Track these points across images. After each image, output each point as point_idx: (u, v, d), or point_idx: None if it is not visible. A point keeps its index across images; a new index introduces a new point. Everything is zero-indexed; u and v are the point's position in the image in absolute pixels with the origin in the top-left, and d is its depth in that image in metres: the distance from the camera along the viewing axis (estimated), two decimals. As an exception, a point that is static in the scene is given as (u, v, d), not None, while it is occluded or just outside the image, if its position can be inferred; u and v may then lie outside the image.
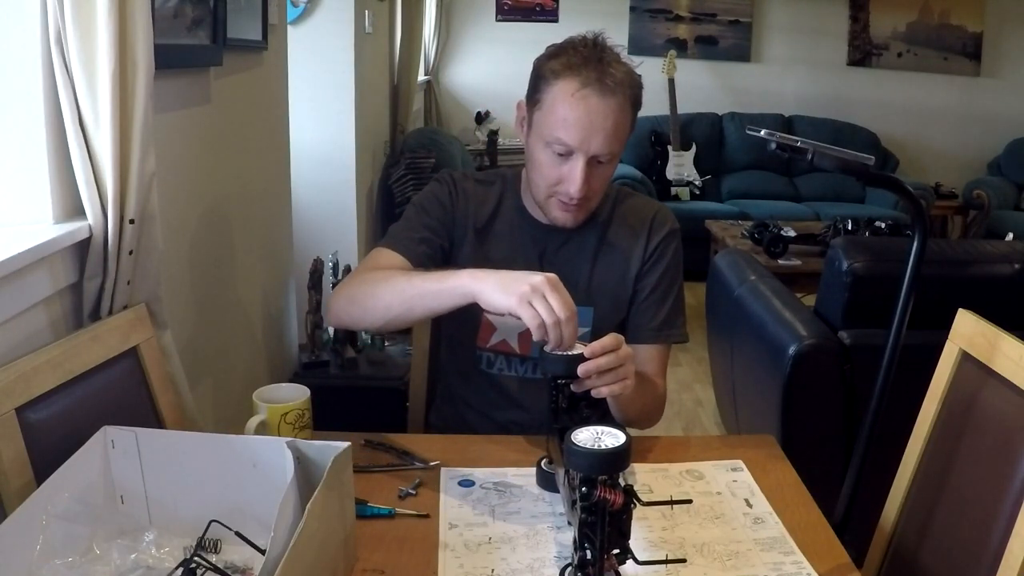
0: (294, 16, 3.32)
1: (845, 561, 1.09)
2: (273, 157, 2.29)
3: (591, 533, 0.91)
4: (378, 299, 1.31)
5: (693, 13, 6.26)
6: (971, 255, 2.12)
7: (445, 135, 5.14)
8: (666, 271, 1.48)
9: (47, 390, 1.07)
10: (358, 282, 1.37)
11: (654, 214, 1.50)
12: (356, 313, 1.36)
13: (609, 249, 1.48)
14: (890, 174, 4.04)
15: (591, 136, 1.31)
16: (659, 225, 1.49)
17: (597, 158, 1.34)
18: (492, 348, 1.49)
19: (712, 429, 3.32)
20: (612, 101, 1.31)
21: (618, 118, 1.32)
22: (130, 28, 1.18)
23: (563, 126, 1.32)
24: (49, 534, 0.92)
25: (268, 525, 0.86)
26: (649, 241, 1.48)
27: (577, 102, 1.30)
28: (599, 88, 1.30)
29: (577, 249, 1.48)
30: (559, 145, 1.33)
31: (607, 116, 1.31)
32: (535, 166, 1.39)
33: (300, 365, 2.50)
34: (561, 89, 1.32)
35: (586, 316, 1.45)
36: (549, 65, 1.35)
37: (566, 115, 1.31)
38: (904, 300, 1.32)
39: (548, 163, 1.36)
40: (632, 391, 1.21)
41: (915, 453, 1.32)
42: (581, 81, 1.30)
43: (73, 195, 1.22)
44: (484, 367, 1.51)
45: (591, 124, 1.31)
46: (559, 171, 1.36)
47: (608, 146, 1.33)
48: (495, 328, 1.48)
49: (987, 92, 6.23)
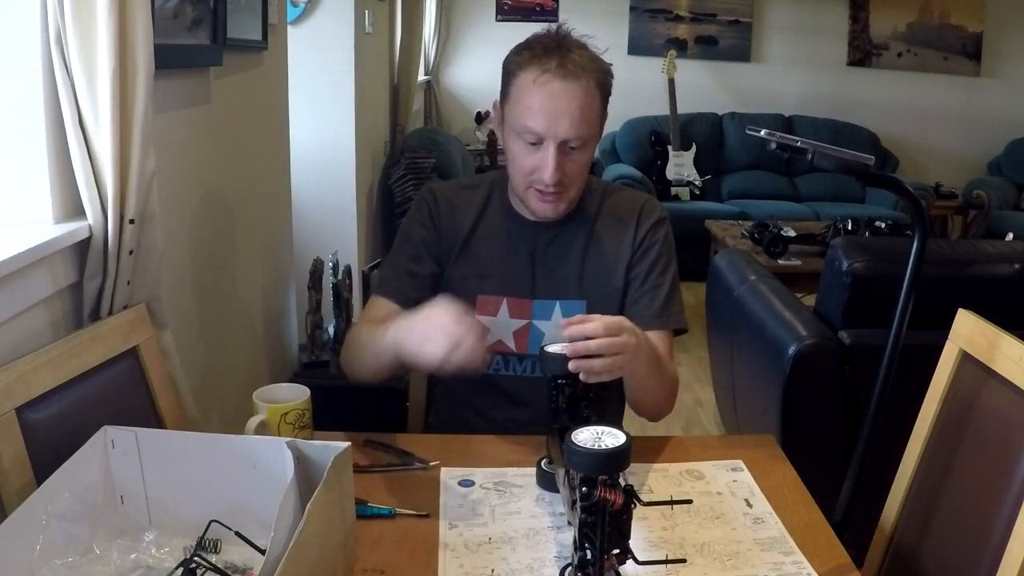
0: (294, 16, 3.32)
1: (845, 561, 1.09)
2: (273, 157, 2.29)
3: (591, 533, 0.91)
4: (360, 361, 1.43)
5: (693, 13, 6.26)
6: (971, 255, 2.12)
7: (445, 135, 5.14)
8: (658, 258, 1.48)
9: (47, 390, 1.07)
10: (350, 343, 1.48)
11: (642, 204, 1.51)
12: (356, 373, 1.45)
13: (598, 242, 1.49)
14: (890, 174, 4.04)
15: (557, 120, 1.33)
16: (647, 214, 1.50)
17: (568, 143, 1.35)
18: (488, 349, 1.49)
19: (712, 429, 3.32)
20: (575, 84, 1.33)
21: (583, 101, 1.34)
22: (130, 28, 1.18)
23: (529, 114, 1.34)
24: (49, 534, 0.92)
25: (268, 525, 0.86)
26: (638, 230, 1.49)
27: (539, 88, 1.33)
28: (561, 73, 1.33)
29: (567, 244, 1.49)
30: (528, 134, 1.35)
31: (571, 99, 1.33)
32: (511, 159, 1.42)
33: (300, 365, 2.50)
34: (524, 79, 1.35)
35: (578, 310, 1.46)
36: (515, 59, 1.38)
37: (530, 102, 1.34)
38: (904, 300, 1.32)
39: (521, 154, 1.39)
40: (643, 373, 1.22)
41: (915, 453, 1.32)
42: (542, 68, 1.33)
43: (73, 195, 1.22)
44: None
45: (555, 108, 1.33)
46: (532, 160, 1.37)
47: (576, 130, 1.34)
48: (488, 330, 1.48)
49: (987, 92, 6.23)
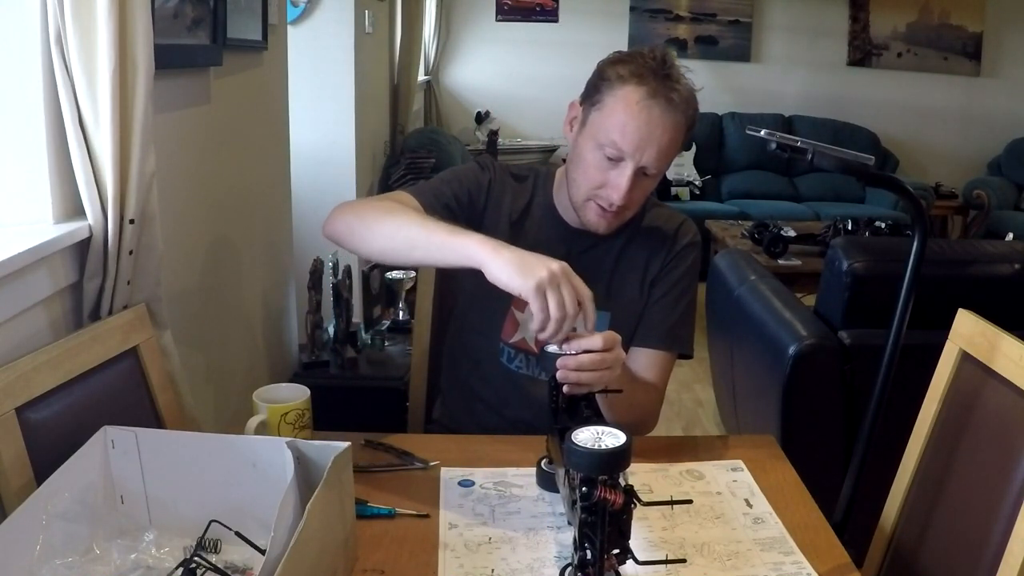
0: (294, 16, 3.32)
1: (845, 561, 1.09)
2: (273, 157, 2.29)
3: (591, 533, 0.91)
4: (386, 225, 1.29)
5: (693, 13, 6.26)
6: (971, 255, 2.12)
7: (445, 135, 5.14)
8: (680, 279, 1.48)
9: (47, 390, 1.07)
10: (371, 206, 1.36)
11: (679, 224, 1.51)
12: (358, 231, 1.32)
13: (631, 257, 1.49)
14: (890, 174, 4.04)
15: (646, 146, 1.31)
16: (683, 235, 1.50)
17: (645, 170, 1.34)
18: (514, 344, 1.50)
19: (712, 429, 3.32)
20: (673, 118, 1.32)
21: (674, 136, 1.33)
22: (130, 28, 1.18)
23: (621, 131, 1.31)
24: (49, 534, 0.92)
25: (268, 525, 0.86)
26: (671, 249, 1.48)
27: (641, 110, 1.30)
28: (665, 101, 1.30)
29: (601, 255, 1.48)
30: (612, 149, 1.33)
31: (665, 130, 1.31)
32: (581, 167, 1.38)
33: (300, 365, 2.49)
34: (626, 94, 1.32)
35: (603, 322, 1.45)
36: (615, 69, 1.34)
37: (626, 121, 1.31)
38: (904, 300, 1.32)
39: (595, 165, 1.36)
40: (625, 397, 1.21)
41: (915, 453, 1.32)
42: (648, 91, 1.30)
43: (73, 195, 1.22)
44: (505, 360, 1.50)
45: (649, 135, 1.31)
46: (605, 175, 1.35)
47: (658, 160, 1.33)
48: (519, 324, 1.48)
49: (987, 92, 6.23)
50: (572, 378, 1.15)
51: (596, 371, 1.15)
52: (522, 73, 6.19)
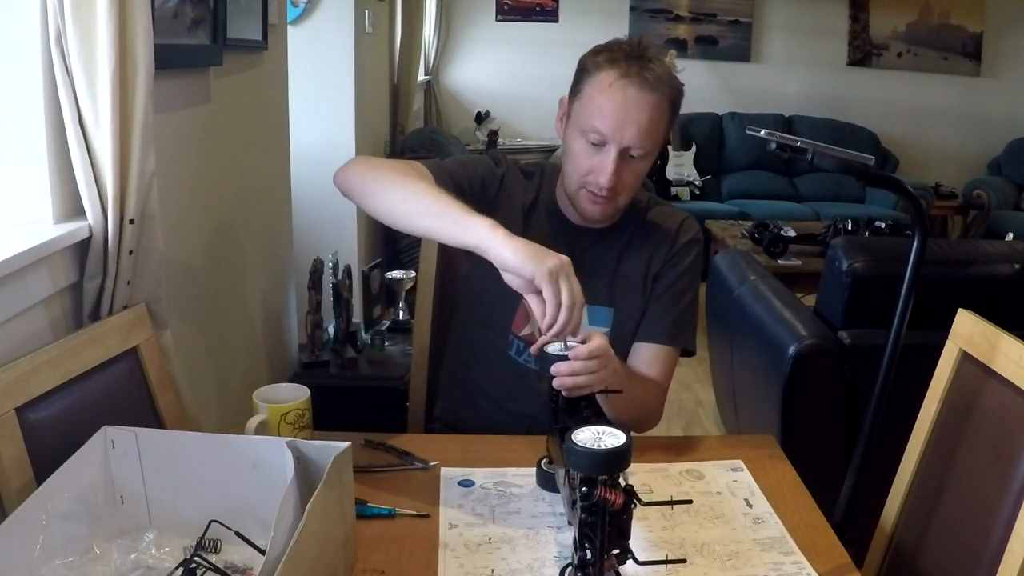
0: (294, 16, 3.32)
1: (845, 561, 1.09)
2: (273, 157, 2.29)
3: (591, 533, 0.91)
4: (401, 187, 1.28)
5: (693, 13, 6.26)
6: (971, 255, 2.12)
7: (445, 135, 5.14)
8: (682, 275, 1.49)
9: (47, 390, 1.07)
10: (390, 165, 1.36)
11: (681, 222, 1.52)
12: (371, 185, 1.31)
13: (634, 254, 1.49)
14: (890, 174, 4.04)
15: (624, 126, 1.33)
16: (684, 232, 1.51)
17: (629, 151, 1.35)
18: (524, 337, 1.50)
19: (712, 429, 3.32)
20: (650, 96, 1.33)
21: (653, 114, 1.34)
22: (130, 28, 1.18)
23: (599, 115, 1.34)
24: (49, 534, 0.92)
25: (268, 525, 0.86)
26: (673, 246, 1.49)
27: (615, 92, 1.33)
28: (638, 80, 1.32)
29: (604, 252, 1.49)
30: (593, 134, 1.35)
31: (643, 109, 1.33)
32: (570, 156, 1.42)
33: (300, 365, 2.49)
34: (600, 79, 1.35)
35: (606, 317, 1.46)
36: (593, 59, 1.38)
37: (602, 104, 1.34)
38: (904, 300, 1.32)
39: (582, 153, 1.38)
40: (626, 394, 1.21)
41: (915, 453, 1.32)
42: (620, 72, 1.33)
43: (73, 195, 1.22)
44: (514, 353, 1.50)
45: (626, 114, 1.33)
46: (591, 161, 1.37)
47: (641, 140, 1.34)
48: (528, 318, 1.48)
49: (987, 92, 6.23)
50: (568, 383, 1.16)
51: (590, 373, 1.16)
52: (522, 73, 6.18)
